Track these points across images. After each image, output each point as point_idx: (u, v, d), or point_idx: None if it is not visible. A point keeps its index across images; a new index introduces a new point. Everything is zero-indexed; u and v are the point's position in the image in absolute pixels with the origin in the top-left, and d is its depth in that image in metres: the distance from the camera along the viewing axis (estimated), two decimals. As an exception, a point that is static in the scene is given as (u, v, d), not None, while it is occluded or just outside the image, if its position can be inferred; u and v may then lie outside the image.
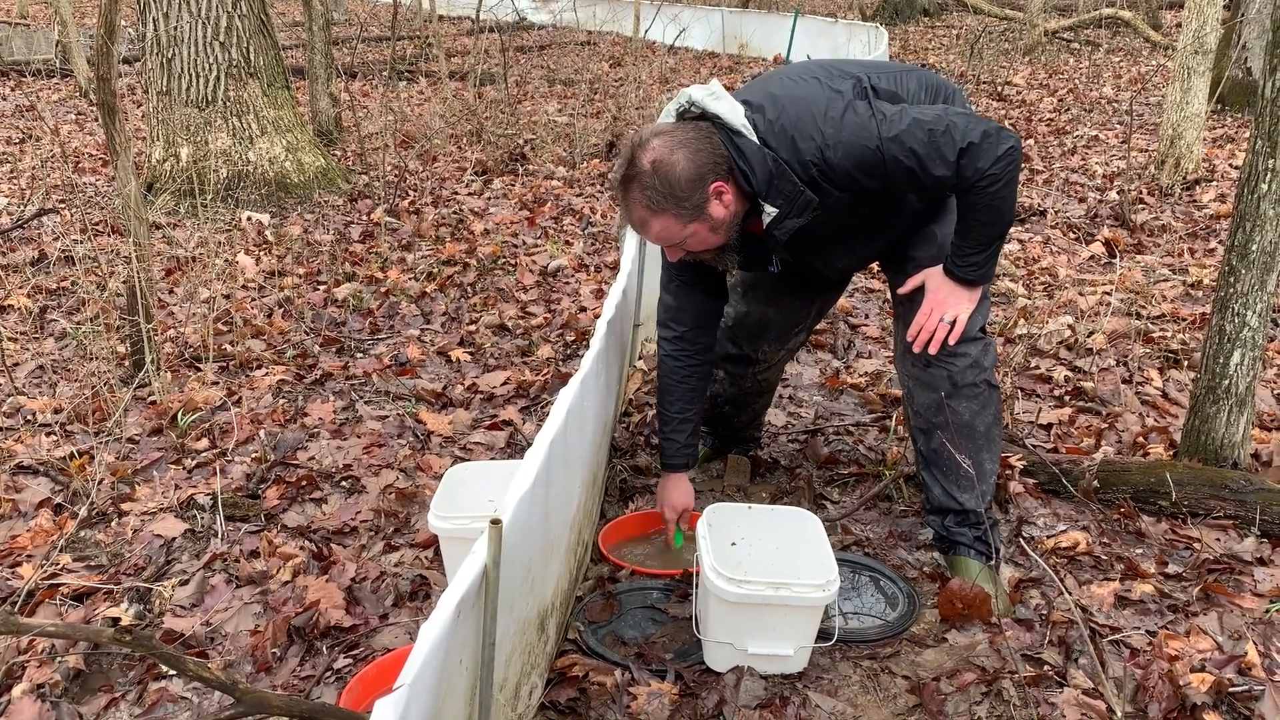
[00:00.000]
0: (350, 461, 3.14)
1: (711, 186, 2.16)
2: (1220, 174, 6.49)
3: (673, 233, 2.21)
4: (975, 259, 2.32)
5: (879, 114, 2.16)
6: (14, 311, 4.33)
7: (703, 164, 2.14)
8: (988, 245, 2.30)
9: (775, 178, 2.18)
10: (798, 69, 2.39)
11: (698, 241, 2.25)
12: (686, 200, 2.15)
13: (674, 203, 2.15)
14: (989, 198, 2.20)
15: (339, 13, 18.09)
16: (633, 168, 2.16)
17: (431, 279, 4.89)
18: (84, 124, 8.81)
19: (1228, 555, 2.60)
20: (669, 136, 2.16)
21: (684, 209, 2.16)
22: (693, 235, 2.23)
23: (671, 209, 2.16)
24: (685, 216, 2.18)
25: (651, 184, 2.14)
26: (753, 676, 2.17)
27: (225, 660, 2.27)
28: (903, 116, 2.15)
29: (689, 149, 2.14)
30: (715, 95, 2.21)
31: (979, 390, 2.42)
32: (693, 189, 2.14)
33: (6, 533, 2.74)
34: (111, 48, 3.32)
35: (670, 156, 2.13)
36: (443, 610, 1.36)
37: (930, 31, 16.28)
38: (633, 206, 2.20)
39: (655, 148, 2.15)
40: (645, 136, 2.18)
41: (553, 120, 8.63)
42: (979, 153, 2.14)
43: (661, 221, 2.19)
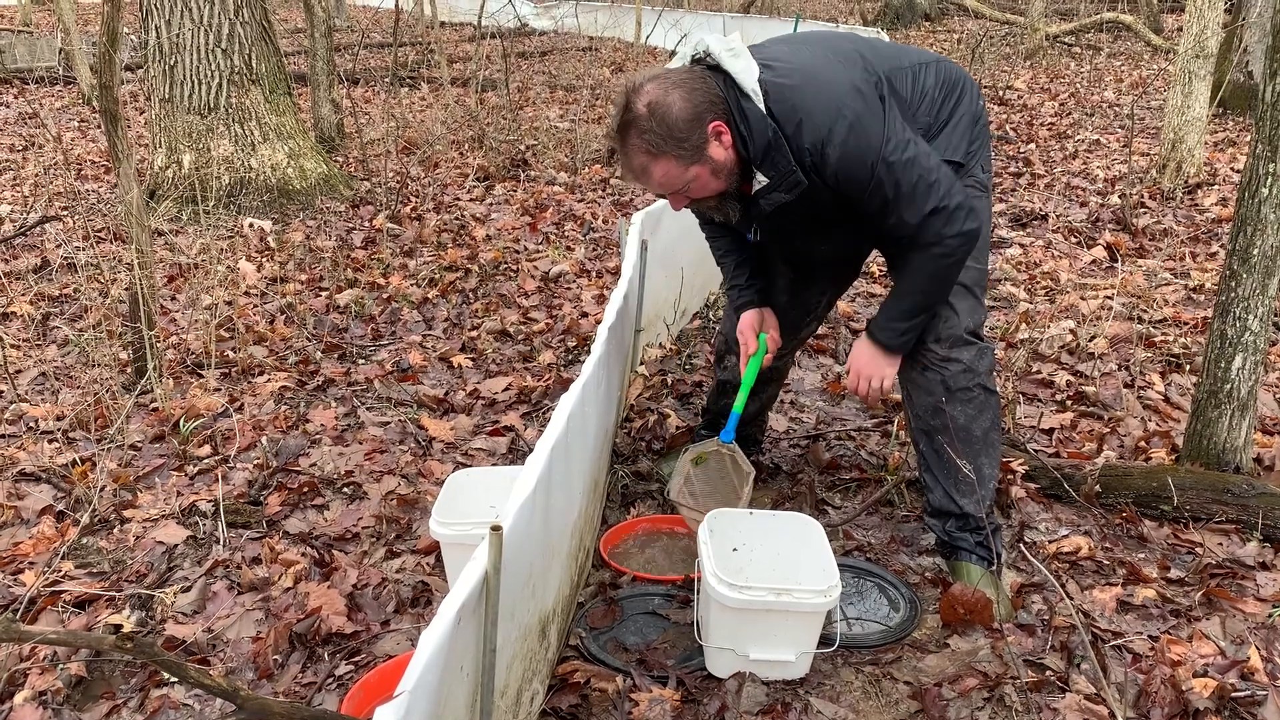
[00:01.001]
0: (352, 468, 3.14)
1: (710, 126, 2.13)
2: (1222, 178, 6.49)
3: (675, 177, 2.18)
4: (900, 326, 2.37)
5: (889, 132, 2.15)
6: (16, 318, 4.33)
7: (699, 103, 2.11)
8: (915, 315, 2.35)
9: (772, 149, 2.16)
10: (834, 42, 2.32)
11: (700, 186, 2.22)
12: (686, 141, 2.11)
13: (674, 144, 2.11)
14: (936, 265, 2.26)
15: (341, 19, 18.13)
16: (629, 113, 2.12)
17: (433, 285, 4.89)
18: (87, 131, 8.83)
19: (1230, 560, 2.60)
20: (662, 79, 2.13)
21: (684, 150, 2.13)
22: (695, 179, 2.19)
23: (672, 150, 2.12)
24: (686, 158, 2.14)
25: (649, 126, 2.10)
26: (754, 682, 2.17)
27: (227, 667, 2.27)
28: (906, 149, 2.15)
29: (684, 89, 2.11)
30: (734, 52, 2.16)
31: (973, 395, 2.40)
32: (691, 129, 2.11)
33: (9, 540, 2.75)
34: (114, 55, 3.33)
35: (665, 98, 2.10)
36: (443, 617, 1.36)
37: (931, 35, 16.29)
38: (632, 153, 2.17)
39: (649, 91, 2.11)
40: (638, 82, 2.14)
41: (554, 126, 8.65)
42: (949, 217, 2.18)
43: (663, 166, 2.15)
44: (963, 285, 2.37)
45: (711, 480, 2.79)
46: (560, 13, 17.03)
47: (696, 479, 2.79)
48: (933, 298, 2.33)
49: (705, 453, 2.79)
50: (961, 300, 2.38)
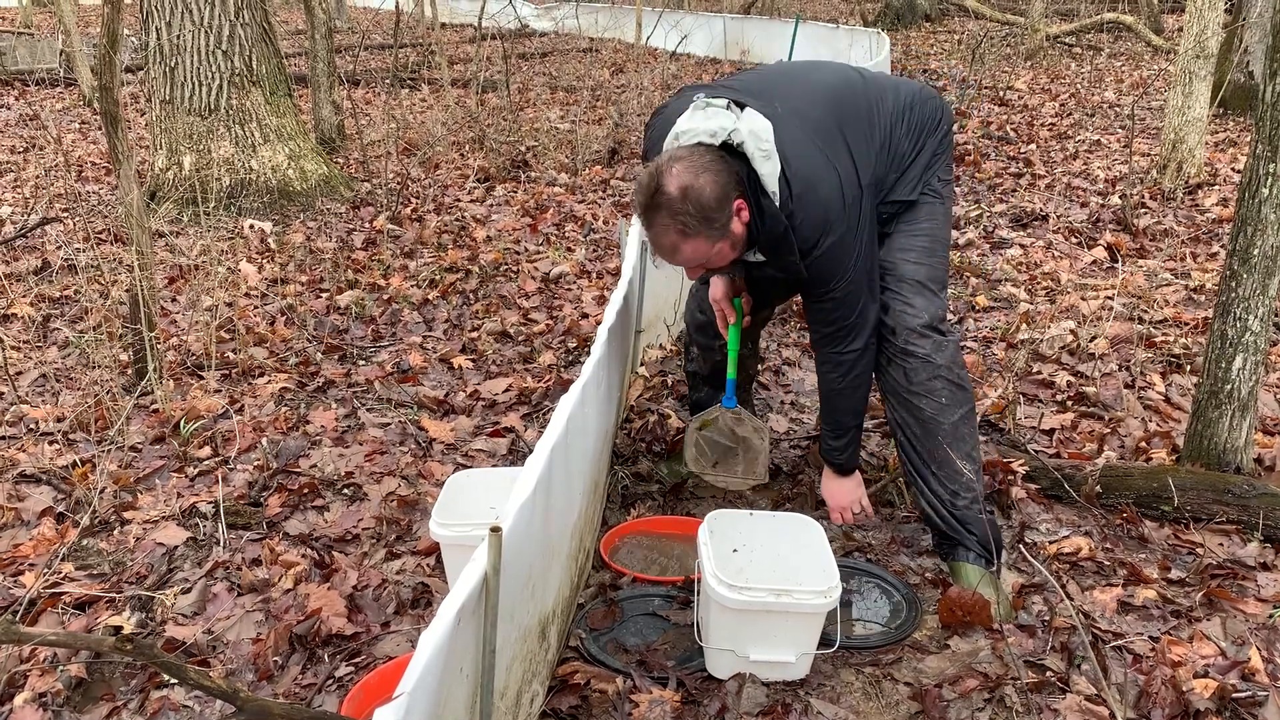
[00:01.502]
0: (352, 469, 3.14)
1: (734, 204, 2.25)
2: (1222, 178, 6.49)
3: (702, 254, 2.30)
4: (836, 444, 2.67)
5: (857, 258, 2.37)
6: (17, 320, 4.34)
7: (726, 184, 2.22)
8: (843, 431, 2.64)
9: (780, 241, 2.33)
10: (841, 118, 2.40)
11: (720, 259, 2.35)
12: (716, 221, 2.23)
13: (705, 224, 2.22)
14: (832, 380, 2.57)
15: (341, 20, 18.15)
16: (660, 195, 2.20)
17: (434, 286, 4.89)
18: (87, 133, 8.84)
19: (1231, 560, 2.60)
20: (689, 161, 2.21)
21: (714, 230, 2.24)
22: (718, 254, 2.32)
23: (704, 232, 2.23)
24: (714, 237, 2.26)
25: (684, 209, 2.19)
26: (754, 684, 2.17)
27: (227, 668, 2.27)
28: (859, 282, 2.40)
29: (712, 172, 2.21)
30: (765, 153, 2.26)
31: (935, 388, 2.46)
32: (720, 209, 2.22)
33: (9, 541, 2.75)
34: (114, 57, 3.33)
35: (697, 181, 2.18)
36: (443, 618, 1.36)
37: (932, 36, 16.29)
38: (663, 233, 2.26)
39: (679, 173, 2.19)
40: (664, 163, 2.22)
41: (555, 127, 8.65)
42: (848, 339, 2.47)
43: (693, 244, 2.26)
44: (917, 281, 2.48)
45: (722, 446, 2.89)
46: (560, 14, 17.03)
47: (709, 447, 2.89)
48: (845, 412, 2.61)
49: (709, 420, 2.89)
50: (917, 295, 2.47)
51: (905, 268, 2.48)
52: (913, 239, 2.50)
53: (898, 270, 2.49)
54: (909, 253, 2.49)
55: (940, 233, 2.54)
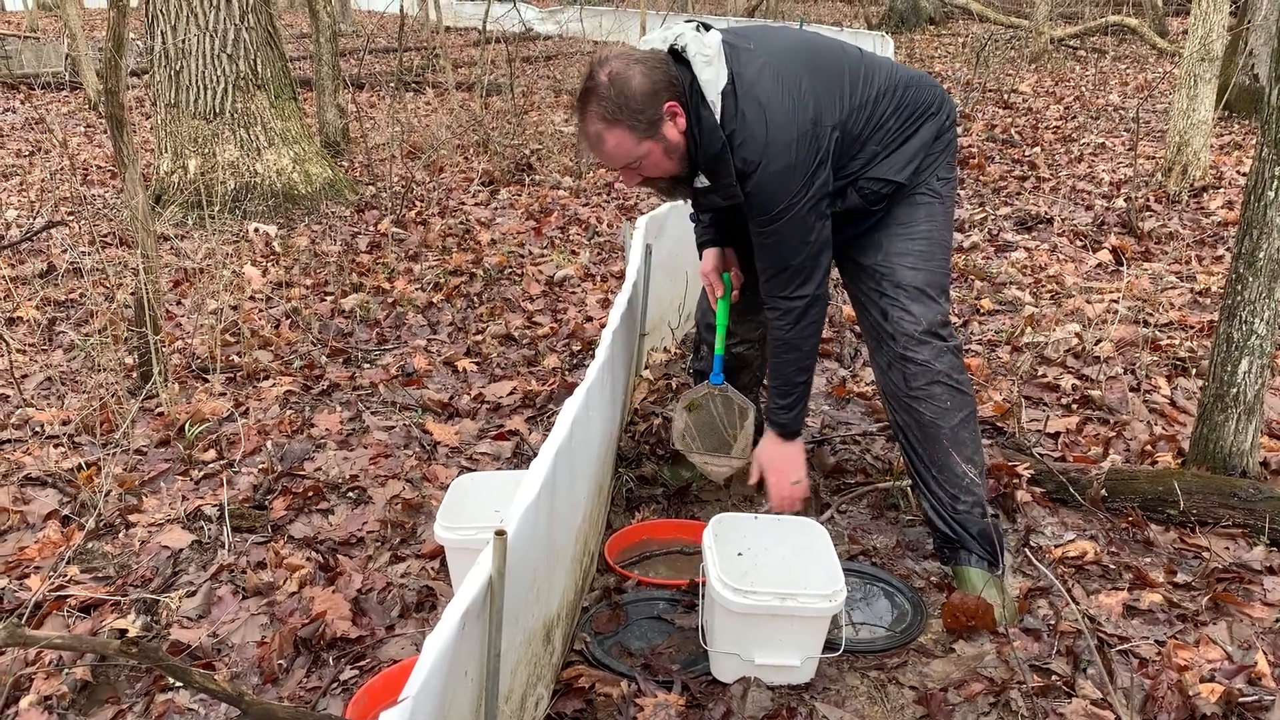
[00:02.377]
0: (357, 472, 3.14)
1: (666, 105, 2.21)
2: (1228, 181, 6.48)
3: (627, 148, 2.25)
4: (781, 402, 2.58)
5: (803, 195, 2.28)
6: (23, 323, 4.34)
7: (658, 80, 2.20)
8: (790, 389, 2.55)
9: (717, 160, 2.27)
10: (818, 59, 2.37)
11: (652, 165, 2.30)
12: (641, 114, 2.20)
13: (629, 114, 2.19)
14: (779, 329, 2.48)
15: (346, 24, 18.19)
16: (590, 81, 2.22)
17: (438, 289, 4.90)
18: (93, 136, 8.86)
19: (1237, 564, 2.59)
20: (626, 56, 2.24)
21: (638, 122, 2.20)
22: (648, 155, 2.27)
23: (626, 121, 2.20)
24: (640, 131, 2.22)
25: (607, 95, 2.19)
26: (760, 687, 2.17)
27: (232, 671, 2.27)
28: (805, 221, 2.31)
29: (645, 65, 2.21)
30: (707, 59, 2.23)
31: (934, 393, 2.43)
32: (647, 103, 2.19)
33: (15, 544, 2.75)
34: (120, 61, 3.34)
35: (626, 70, 2.19)
36: (448, 622, 1.35)
37: (936, 39, 16.29)
38: (589, 119, 2.24)
39: (612, 64, 2.21)
40: (605, 56, 2.25)
41: (559, 130, 8.66)
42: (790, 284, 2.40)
43: (616, 135, 2.22)
44: (915, 287, 2.44)
45: (708, 424, 2.87)
46: (564, 17, 17.04)
47: (695, 425, 2.87)
48: (792, 365, 2.53)
49: (697, 398, 2.88)
50: (914, 302, 2.43)
51: (903, 273, 2.44)
52: (910, 243, 2.45)
53: (895, 276, 2.44)
54: (906, 258, 2.45)
55: (940, 235, 2.49)
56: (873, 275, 2.48)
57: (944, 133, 2.49)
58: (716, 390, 2.87)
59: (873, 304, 2.50)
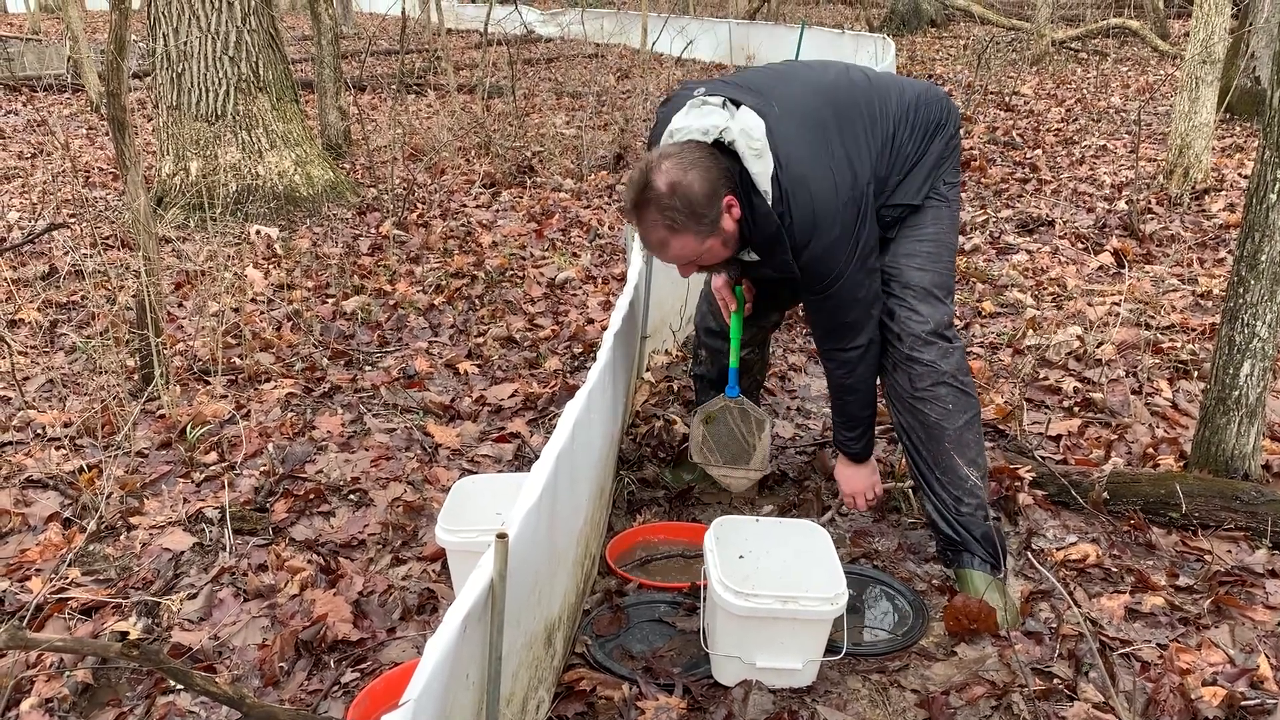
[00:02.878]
0: (358, 474, 3.14)
1: (724, 201, 2.25)
2: (1229, 183, 6.48)
3: (691, 250, 2.30)
4: (849, 435, 2.70)
5: (851, 259, 2.34)
6: (25, 325, 4.35)
7: (715, 180, 2.23)
8: (855, 423, 2.67)
9: (774, 241, 2.33)
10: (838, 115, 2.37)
11: (712, 256, 2.36)
12: (704, 217, 2.24)
13: (694, 220, 2.23)
14: (834, 380, 2.61)
15: (347, 26, 18.20)
16: (648, 191, 2.21)
17: (439, 291, 4.90)
18: (95, 138, 8.87)
19: (1239, 567, 2.59)
20: (678, 158, 2.22)
21: (702, 226, 2.25)
22: (708, 251, 2.32)
23: (691, 227, 2.24)
24: (703, 233, 2.27)
25: (671, 205, 2.20)
26: (761, 690, 2.16)
27: (233, 674, 2.27)
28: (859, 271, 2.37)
29: (700, 168, 2.21)
30: (757, 152, 2.25)
31: (940, 394, 2.46)
32: (709, 205, 2.23)
33: (16, 546, 2.75)
34: (122, 63, 3.34)
35: (685, 177, 2.20)
36: (449, 625, 1.35)
37: (937, 42, 16.29)
38: (651, 229, 2.27)
39: (668, 170, 2.21)
40: (654, 160, 2.24)
41: (560, 132, 8.66)
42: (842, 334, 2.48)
43: (681, 240, 2.27)
44: (923, 287, 2.47)
45: (725, 436, 2.90)
46: (566, 19, 17.04)
47: (711, 438, 2.90)
48: (855, 405, 2.63)
49: (713, 411, 2.91)
50: (921, 302, 2.46)
51: (910, 274, 2.47)
52: (918, 244, 2.48)
53: (903, 276, 2.47)
54: (914, 258, 2.47)
55: (946, 238, 2.52)
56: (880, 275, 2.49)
57: (950, 140, 2.52)
58: (733, 403, 2.89)
59: None
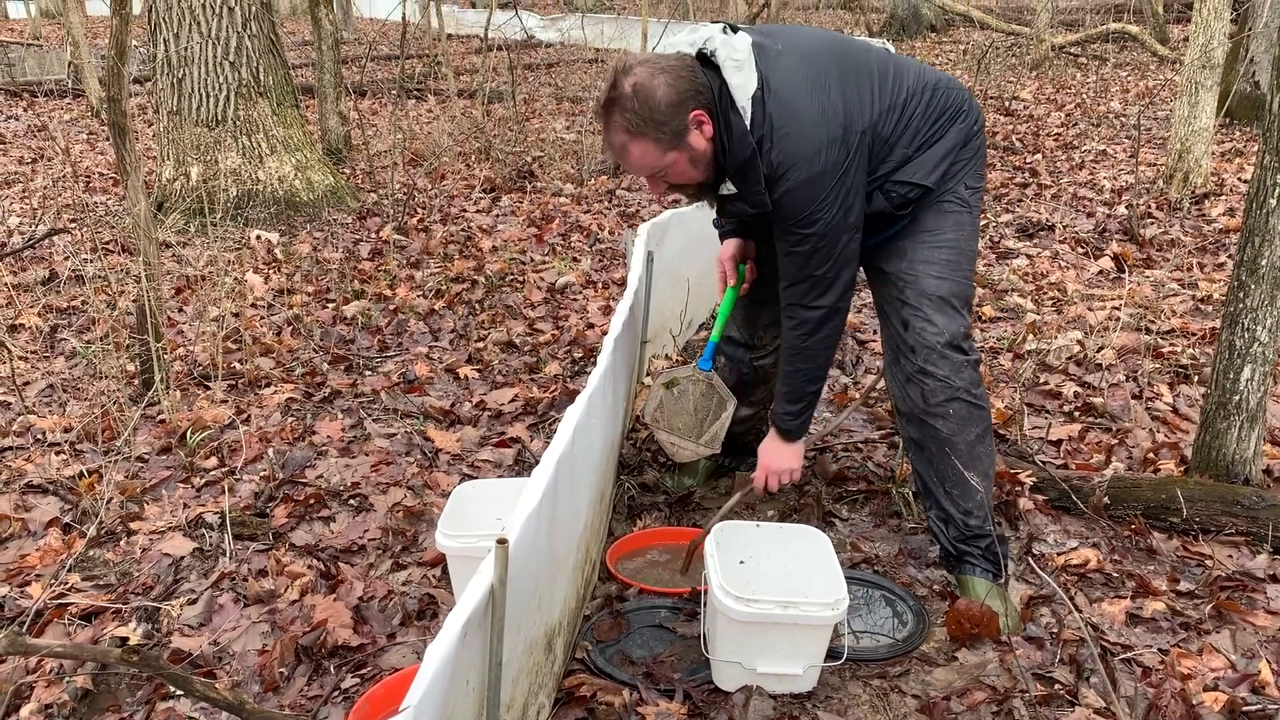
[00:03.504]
0: (358, 479, 3.14)
1: (692, 114, 2.18)
2: (1229, 188, 6.48)
3: (651, 160, 2.24)
4: (790, 409, 2.53)
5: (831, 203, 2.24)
6: (25, 330, 4.35)
7: (684, 90, 2.16)
8: (799, 396, 2.51)
9: (746, 166, 2.24)
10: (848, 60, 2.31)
11: (678, 173, 2.28)
12: (666, 125, 2.17)
13: (653, 127, 2.17)
14: (794, 338, 2.44)
15: (348, 31, 18.23)
16: (614, 91, 2.18)
17: (440, 296, 4.90)
18: (95, 144, 8.88)
19: (1240, 572, 2.59)
20: (651, 64, 2.19)
21: (663, 134, 2.18)
22: (672, 165, 2.25)
23: (651, 134, 2.18)
24: (664, 142, 2.20)
25: (631, 107, 2.16)
26: (761, 696, 2.16)
27: (233, 680, 2.26)
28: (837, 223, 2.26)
29: (670, 75, 2.17)
30: (738, 64, 2.19)
31: (953, 409, 2.40)
32: (672, 114, 2.16)
33: (16, 552, 2.75)
34: (122, 68, 3.35)
35: (651, 81, 2.15)
36: (449, 630, 1.35)
37: (937, 46, 16.30)
38: (613, 130, 2.22)
39: (637, 74, 2.17)
40: (629, 63, 2.21)
41: (560, 137, 8.67)
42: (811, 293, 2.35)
43: (641, 146, 2.21)
44: (940, 297, 2.39)
45: (685, 406, 2.83)
46: (566, 25, 17.07)
47: (669, 403, 2.84)
48: (804, 375, 2.48)
49: (679, 378, 2.84)
50: (938, 313, 2.39)
51: (928, 282, 2.38)
52: (937, 251, 2.39)
53: (919, 284, 2.39)
54: (932, 266, 2.39)
55: (967, 246, 2.42)
56: (896, 283, 2.43)
57: (972, 138, 2.44)
58: (702, 375, 2.84)
59: (894, 313, 2.45)
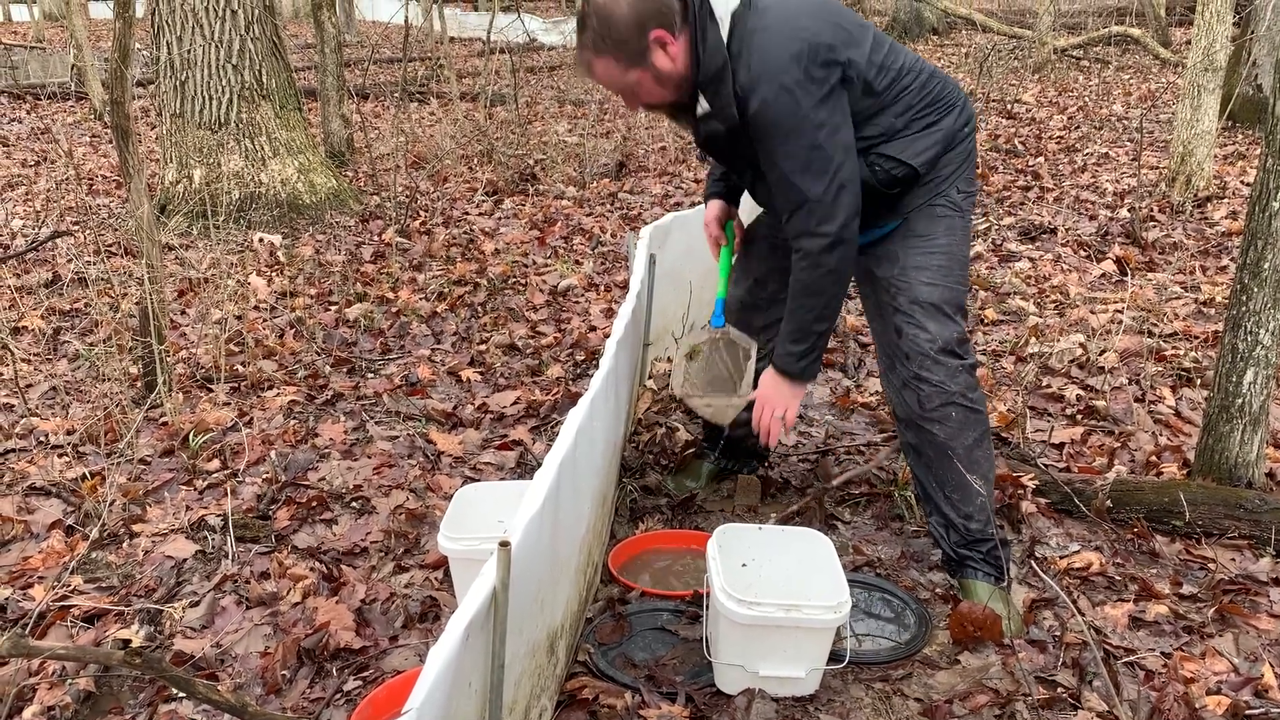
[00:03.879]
0: (361, 482, 3.14)
1: (652, 35, 2.19)
2: (1232, 191, 6.48)
3: (614, 77, 2.27)
4: (794, 349, 2.42)
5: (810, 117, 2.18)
6: (28, 333, 4.36)
7: (644, 11, 2.18)
8: (804, 336, 2.40)
9: (717, 79, 2.22)
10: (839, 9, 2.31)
11: (646, 92, 2.30)
12: (625, 44, 2.20)
13: (613, 44, 2.20)
14: (803, 275, 2.33)
15: (350, 34, 18.25)
16: (583, 9, 2.24)
17: (442, 299, 4.90)
18: (98, 146, 8.89)
19: (1243, 576, 2.58)
20: None
21: (623, 52, 2.21)
22: (638, 84, 2.27)
23: (610, 51, 2.21)
24: (625, 61, 2.22)
25: (593, 25, 2.20)
26: (764, 699, 2.16)
27: (235, 682, 2.27)
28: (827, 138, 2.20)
29: None
30: None
31: (948, 413, 2.38)
32: (631, 34, 2.19)
33: (18, 554, 2.75)
34: (126, 71, 3.35)
35: (613, 1, 2.18)
36: (451, 633, 1.35)
37: (939, 50, 16.31)
38: (581, 48, 2.27)
39: None
40: None
41: (563, 140, 8.67)
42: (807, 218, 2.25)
43: (603, 64, 2.25)
44: (931, 304, 2.37)
45: (711, 369, 2.82)
46: (569, 27, 17.08)
47: (695, 372, 2.82)
48: (811, 312, 2.37)
49: (698, 345, 2.83)
50: (930, 319, 2.37)
51: (920, 289, 2.37)
52: (929, 257, 2.38)
53: (911, 291, 2.38)
54: (924, 271, 2.38)
55: (958, 250, 2.41)
56: (888, 289, 2.42)
57: (963, 135, 2.42)
58: (718, 334, 2.81)
59: (888, 319, 2.43)
